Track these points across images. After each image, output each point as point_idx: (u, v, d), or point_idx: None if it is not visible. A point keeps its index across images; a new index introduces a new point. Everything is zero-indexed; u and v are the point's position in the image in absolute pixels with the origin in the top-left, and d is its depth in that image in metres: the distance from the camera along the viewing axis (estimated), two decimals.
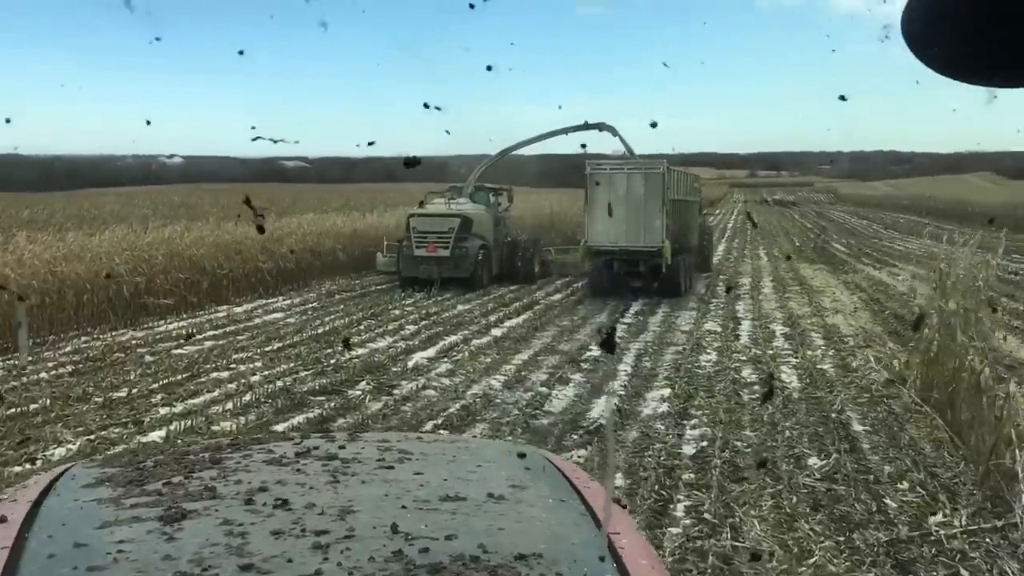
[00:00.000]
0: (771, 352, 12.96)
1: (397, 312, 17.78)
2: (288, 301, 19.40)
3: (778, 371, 11.61)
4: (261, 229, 4.70)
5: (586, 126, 21.03)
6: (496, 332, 15.27)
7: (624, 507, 2.52)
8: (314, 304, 19.01)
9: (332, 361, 12.75)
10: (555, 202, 33.76)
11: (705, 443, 8.41)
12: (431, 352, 13.46)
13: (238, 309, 18.28)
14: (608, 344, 5.86)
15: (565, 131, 21.53)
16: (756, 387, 10.72)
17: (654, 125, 5.54)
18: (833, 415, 9.19)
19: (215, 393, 10.70)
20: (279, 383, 11.10)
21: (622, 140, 21.72)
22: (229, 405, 10.01)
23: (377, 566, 1.45)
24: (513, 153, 23.49)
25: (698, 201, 24.13)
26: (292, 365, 12.38)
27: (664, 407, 9.79)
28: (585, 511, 1.83)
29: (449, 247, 20.20)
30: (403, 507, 1.72)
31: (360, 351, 13.58)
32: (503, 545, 1.55)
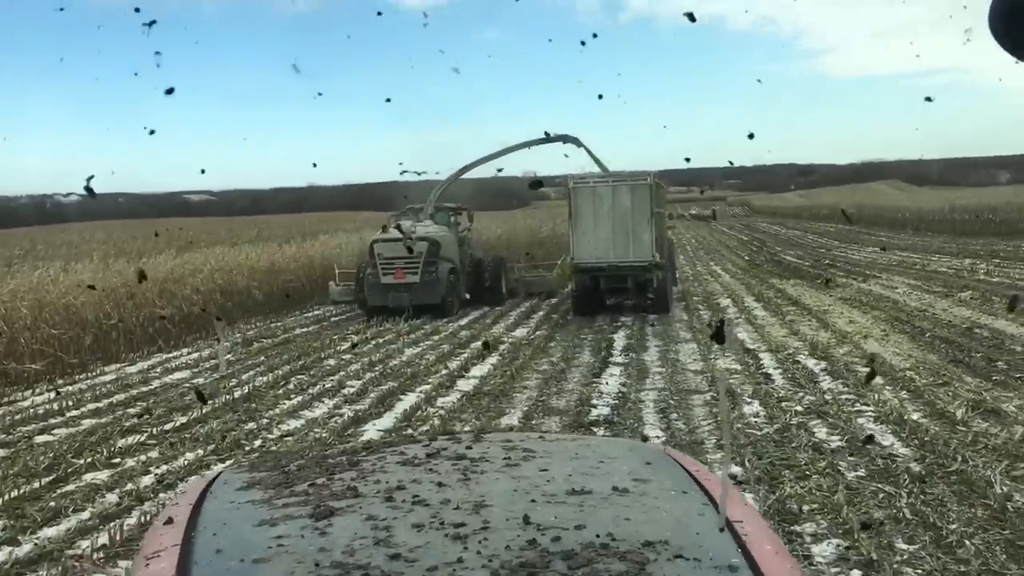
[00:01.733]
0: (827, 396, 10.15)
1: (332, 363, 14.43)
2: (195, 355, 15.83)
3: (859, 426, 8.78)
4: (142, 276, 4.66)
5: (548, 139, 19.69)
6: (464, 385, 12.12)
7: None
8: (228, 356, 15.49)
9: (257, 443, 9.44)
10: (500, 223, 31.99)
11: None
12: (388, 421, 10.24)
13: (132, 369, 14.66)
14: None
15: (527, 145, 20.18)
16: (851, 456, 7.85)
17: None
18: (1008, 506, 6.33)
19: (84, 515, 7.25)
20: (180, 487, 7.71)
21: (589, 152, 20.57)
22: (103, 539, 6.60)
23: (513, 554, 1.53)
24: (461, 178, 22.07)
25: (666, 213, 22.41)
26: (201, 453, 9.00)
27: (749, 501, 6.80)
28: (707, 501, 1.86)
29: (418, 272, 19.18)
30: (532, 501, 1.80)
31: (292, 424, 10.27)
32: (630, 533, 1.62)
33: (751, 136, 8.68)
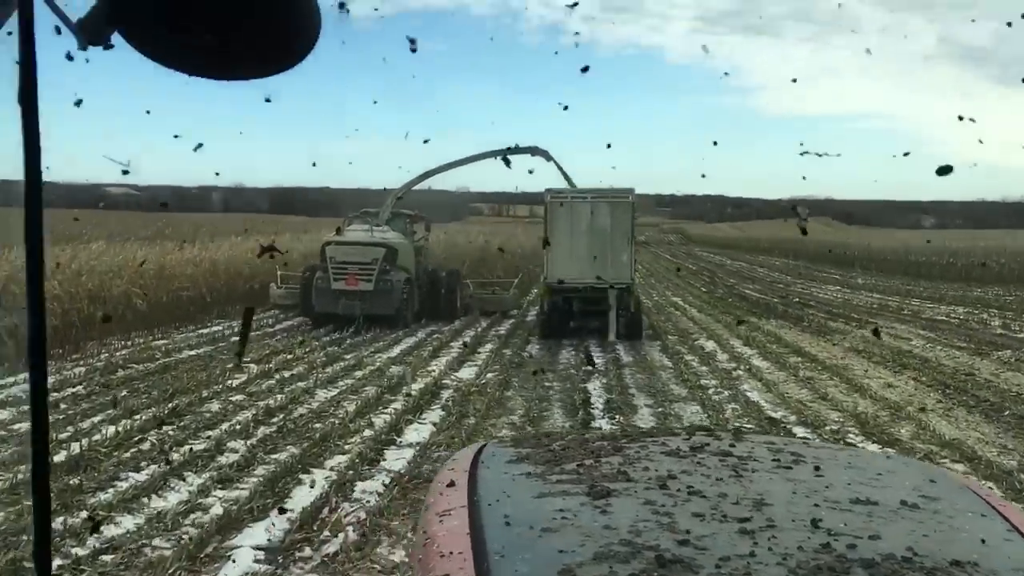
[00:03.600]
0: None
1: (216, 407, 10.68)
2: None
3: None
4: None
5: (516, 150, 18.20)
6: (394, 458, 8.56)
7: None
8: (76, 389, 11.59)
9: (70, 559, 5.74)
10: (452, 235, 30.35)
11: None
12: (269, 531, 6.58)
13: None
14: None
15: (494, 154, 18.82)
16: None
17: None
18: None
19: None
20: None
21: (557, 166, 19.45)
22: None
23: (808, 555, 1.47)
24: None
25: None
26: None
27: None
28: (1011, 528, 1.75)
29: (372, 280, 17.85)
30: (815, 505, 1.74)
31: (123, 521, 6.57)
32: (932, 551, 1.53)
33: (715, 143, 6.34)
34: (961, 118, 6.85)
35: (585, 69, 9.68)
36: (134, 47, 0.90)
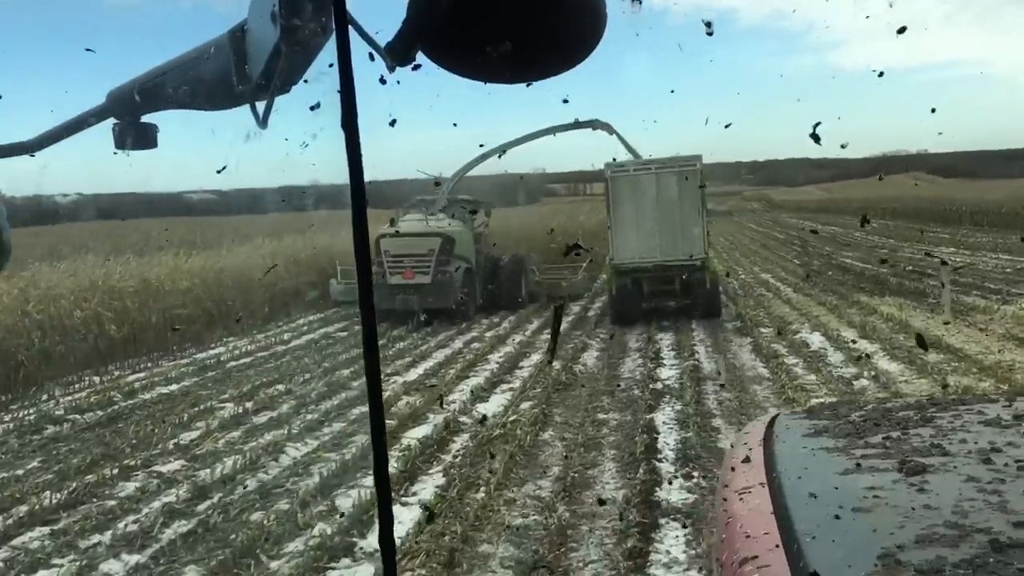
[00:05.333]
0: None
1: (134, 488, 7.72)
2: None
3: None
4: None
5: (577, 124, 18.19)
6: None
7: None
8: None
9: None
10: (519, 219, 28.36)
11: None
12: None
13: None
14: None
15: (553, 131, 18.69)
16: None
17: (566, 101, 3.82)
18: None
19: None
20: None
21: (620, 138, 18.58)
22: None
23: None
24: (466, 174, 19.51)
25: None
26: None
27: None
28: None
29: (430, 272, 16.94)
30: None
31: None
32: None
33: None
34: None
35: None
36: (438, 64, 0.99)
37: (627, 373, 11.76)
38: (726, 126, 9.66)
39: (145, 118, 1.22)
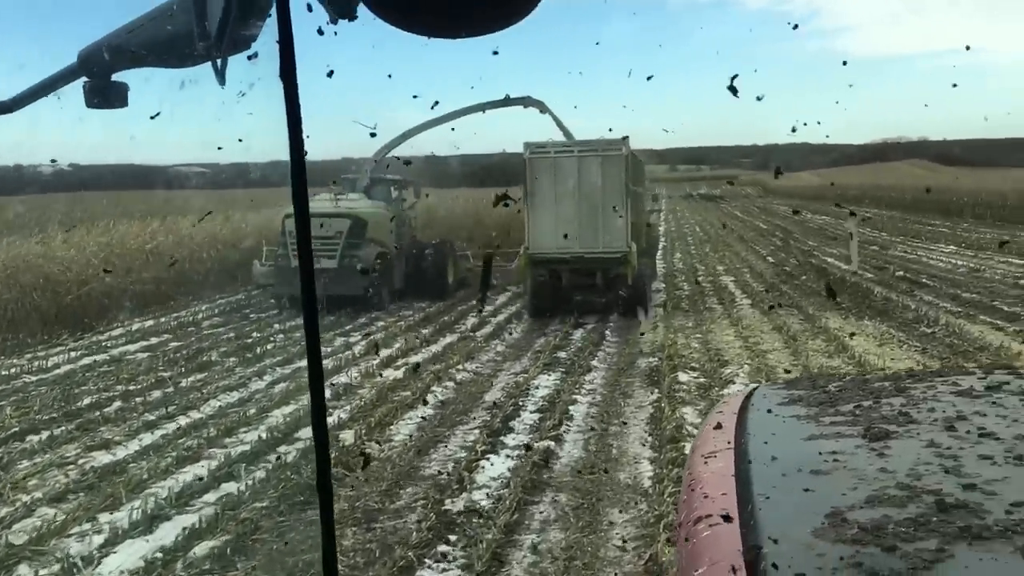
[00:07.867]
0: None
1: None
2: None
3: None
4: None
5: (508, 101, 17.53)
6: None
7: None
8: None
9: None
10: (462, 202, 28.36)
11: None
12: None
13: None
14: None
15: (482, 107, 17.47)
16: None
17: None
18: None
19: None
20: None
21: (554, 118, 17.68)
22: None
23: None
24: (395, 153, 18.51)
25: (645, 192, 20.04)
26: None
27: None
28: None
29: (336, 256, 15.92)
30: None
31: None
32: None
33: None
34: None
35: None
36: (378, 16, 0.96)
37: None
38: (648, 78, 9.80)
39: (116, 76, 1.28)
